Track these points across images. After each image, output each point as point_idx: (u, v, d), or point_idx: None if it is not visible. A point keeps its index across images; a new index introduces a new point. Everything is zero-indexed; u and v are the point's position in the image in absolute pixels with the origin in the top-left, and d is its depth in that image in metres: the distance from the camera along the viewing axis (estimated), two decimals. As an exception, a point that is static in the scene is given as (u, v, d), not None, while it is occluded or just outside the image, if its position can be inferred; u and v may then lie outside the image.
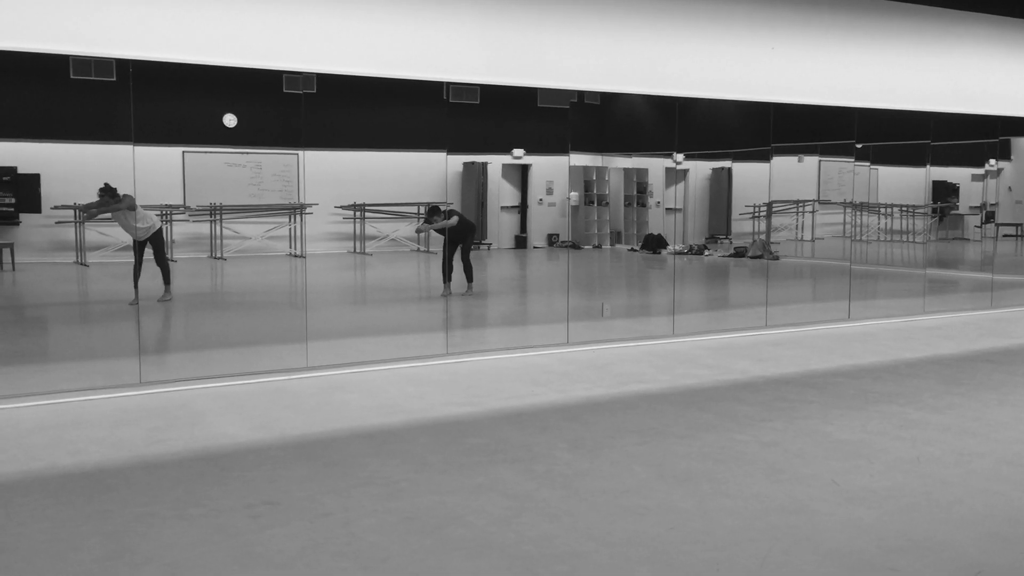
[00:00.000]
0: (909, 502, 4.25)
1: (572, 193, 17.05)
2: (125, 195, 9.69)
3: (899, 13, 9.92)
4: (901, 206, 16.77)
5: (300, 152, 12.53)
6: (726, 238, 17.06)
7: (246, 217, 14.17)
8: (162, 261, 10.11)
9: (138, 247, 10.02)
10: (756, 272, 14.74)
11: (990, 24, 10.66)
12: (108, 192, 9.74)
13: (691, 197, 17.23)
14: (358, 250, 14.54)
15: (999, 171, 16.21)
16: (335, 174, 14.02)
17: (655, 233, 17.21)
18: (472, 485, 4.47)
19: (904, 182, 15.21)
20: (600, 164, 17.91)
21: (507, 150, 16.50)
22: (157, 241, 10.04)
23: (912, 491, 4.41)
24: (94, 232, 12.63)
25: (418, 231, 11.39)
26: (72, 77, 12.97)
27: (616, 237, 17.77)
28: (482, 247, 16.06)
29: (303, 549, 3.69)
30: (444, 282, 10.99)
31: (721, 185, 17.24)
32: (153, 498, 4.27)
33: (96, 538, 3.80)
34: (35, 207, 12.71)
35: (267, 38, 6.82)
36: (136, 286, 9.93)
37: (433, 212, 11.26)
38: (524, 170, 16.93)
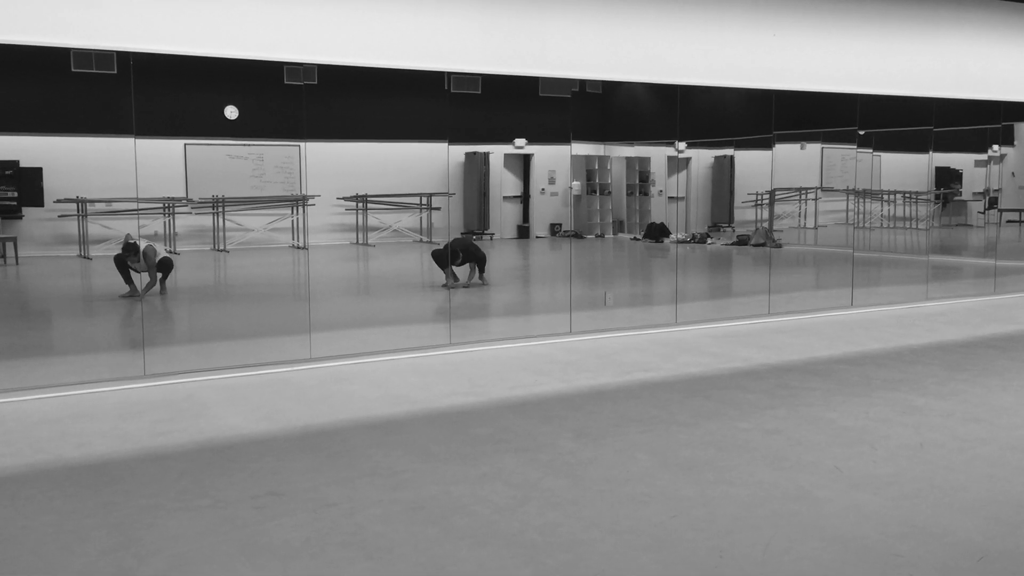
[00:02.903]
0: (912, 488, 4.25)
1: (574, 182, 17.03)
2: (148, 247, 9.83)
3: (901, -1, 9.88)
4: (904, 193, 16.72)
5: (302, 144, 12.53)
6: (729, 226, 17.03)
7: (248, 209, 14.16)
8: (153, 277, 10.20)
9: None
10: (759, 260, 14.72)
11: (992, 9, 10.61)
12: (130, 249, 9.87)
13: (693, 185, 17.20)
14: (361, 241, 14.53)
15: (1002, 157, 16.16)
16: (337, 165, 14.00)
17: (658, 222, 17.18)
18: (477, 474, 4.48)
19: (907, 168, 15.16)
20: (602, 153, 17.86)
21: (509, 140, 16.46)
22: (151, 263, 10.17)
23: (915, 477, 4.42)
24: (97, 226, 12.64)
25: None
26: (73, 70, 12.96)
27: (619, 226, 17.74)
28: (484, 237, 16.05)
29: (308, 540, 3.70)
30: (446, 274, 11.00)
31: (723, 173, 17.19)
32: (158, 490, 4.28)
33: (102, 530, 3.82)
34: (38, 201, 12.72)
35: (268, 30, 6.81)
36: (130, 281, 9.99)
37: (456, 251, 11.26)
38: (526, 160, 16.90)
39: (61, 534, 3.78)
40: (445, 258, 11.03)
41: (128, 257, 9.91)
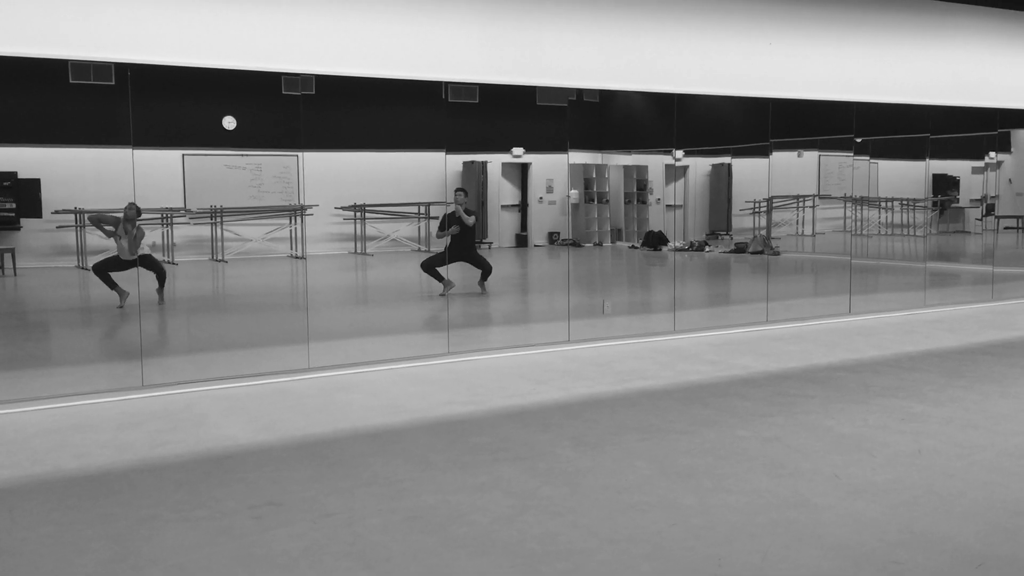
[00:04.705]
0: (911, 495, 4.26)
1: (572, 191, 17.05)
2: (139, 226, 9.74)
3: (897, 6, 9.92)
4: (901, 200, 16.75)
5: (299, 153, 12.55)
6: (727, 234, 17.05)
7: (247, 219, 14.17)
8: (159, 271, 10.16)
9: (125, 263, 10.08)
10: (757, 268, 14.74)
11: (988, 16, 10.65)
12: (134, 209, 9.83)
13: (691, 193, 17.22)
14: (359, 251, 14.54)
15: (999, 163, 16.19)
16: (335, 175, 14.02)
17: (656, 230, 17.19)
18: (475, 484, 4.48)
19: (904, 176, 15.19)
20: (600, 162, 17.89)
21: (507, 149, 16.49)
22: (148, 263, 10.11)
23: (914, 484, 4.42)
24: (95, 236, 12.64)
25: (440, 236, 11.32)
26: (71, 81, 12.97)
27: (617, 234, 17.76)
28: (483, 246, 16.06)
29: (307, 550, 3.70)
30: (441, 281, 11.01)
31: (721, 181, 17.22)
32: (157, 501, 4.28)
33: (101, 541, 3.81)
34: (36, 212, 12.71)
35: (265, 40, 6.83)
36: (117, 289, 9.98)
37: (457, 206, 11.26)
38: (524, 169, 16.91)
39: (60, 546, 3.78)
40: (433, 263, 11.01)
41: (127, 221, 9.82)
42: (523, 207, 17.02)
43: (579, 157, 17.52)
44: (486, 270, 11.31)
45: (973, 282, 12.94)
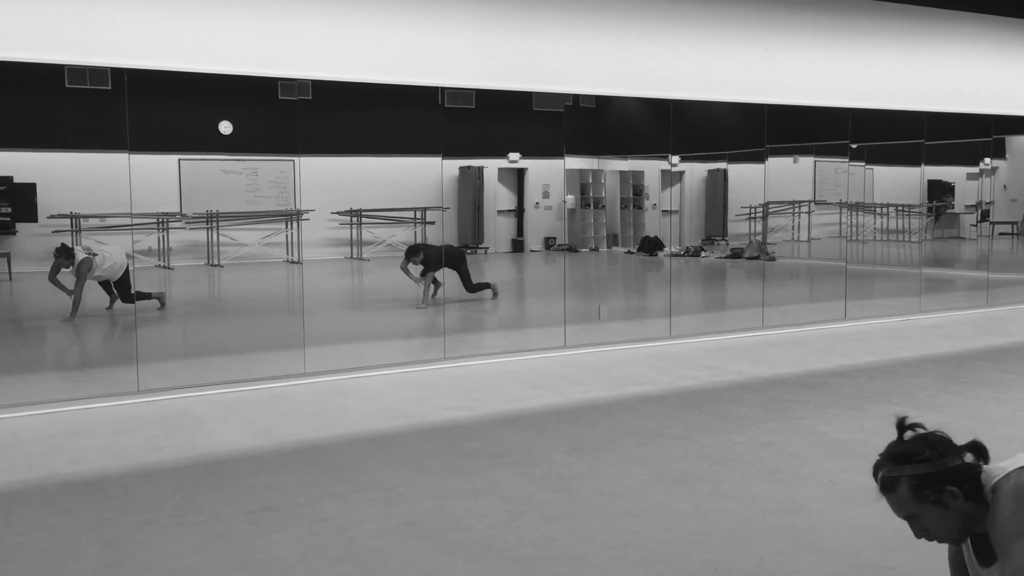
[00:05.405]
0: (906, 501, 4.26)
1: (568, 196, 17.06)
2: (83, 260, 9.59)
3: (892, 13, 9.95)
4: (897, 206, 16.80)
5: (296, 158, 12.55)
6: (723, 239, 17.08)
7: (243, 224, 14.17)
8: (128, 299, 9.81)
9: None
10: (752, 273, 14.76)
11: (982, 23, 10.70)
12: (63, 253, 9.71)
13: (687, 199, 17.25)
14: (355, 256, 14.55)
15: (994, 169, 16.24)
16: (331, 180, 14.03)
17: (652, 235, 17.22)
18: (471, 489, 4.48)
19: (899, 181, 15.24)
20: (596, 167, 17.91)
21: (503, 154, 16.51)
22: (124, 283, 9.88)
23: (909, 490, 4.42)
24: (91, 241, 12.63)
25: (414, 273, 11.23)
26: (67, 86, 12.97)
27: (613, 240, 17.77)
28: (479, 251, 16.07)
29: (302, 555, 3.70)
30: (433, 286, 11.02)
31: (717, 187, 17.26)
32: (152, 506, 4.28)
33: (96, 546, 3.81)
34: (31, 216, 12.72)
35: (262, 45, 6.84)
36: (110, 292, 9.94)
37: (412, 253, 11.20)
38: (520, 174, 16.93)
39: (55, 551, 3.77)
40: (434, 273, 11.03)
41: (61, 263, 9.73)
42: (519, 212, 17.04)
43: (575, 162, 17.54)
44: (467, 285, 11.30)
45: (968, 288, 12.96)
